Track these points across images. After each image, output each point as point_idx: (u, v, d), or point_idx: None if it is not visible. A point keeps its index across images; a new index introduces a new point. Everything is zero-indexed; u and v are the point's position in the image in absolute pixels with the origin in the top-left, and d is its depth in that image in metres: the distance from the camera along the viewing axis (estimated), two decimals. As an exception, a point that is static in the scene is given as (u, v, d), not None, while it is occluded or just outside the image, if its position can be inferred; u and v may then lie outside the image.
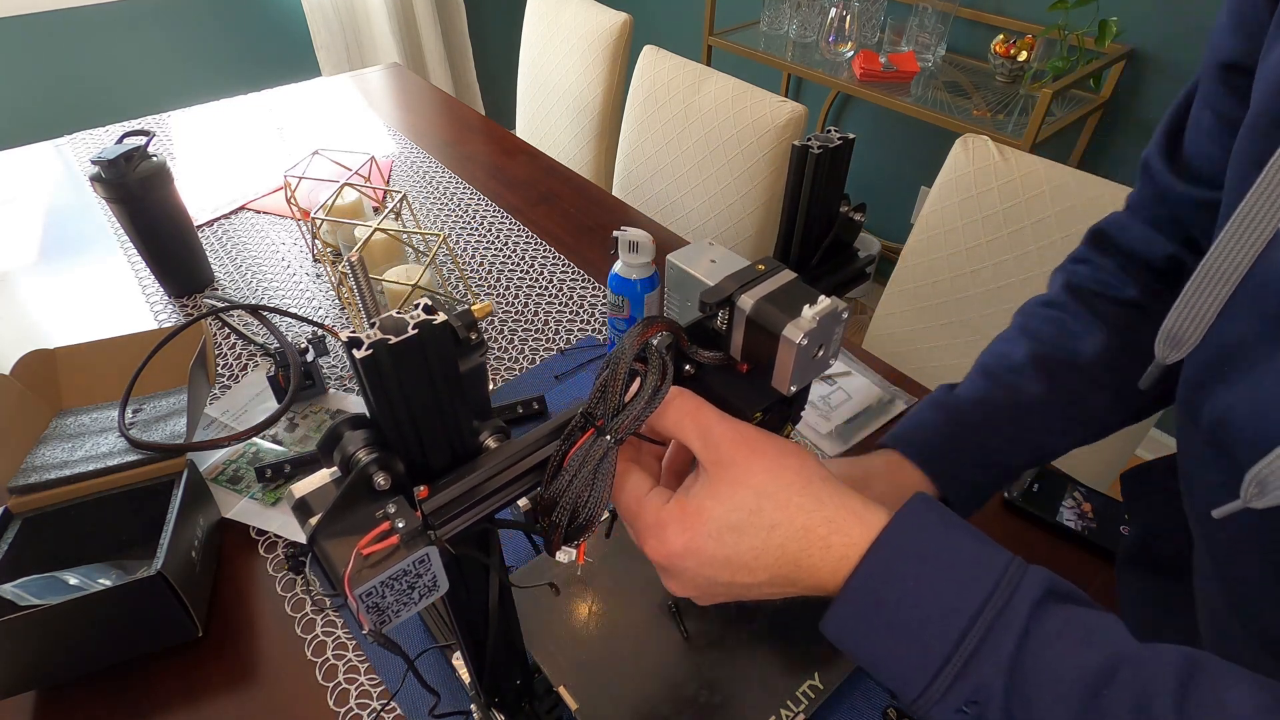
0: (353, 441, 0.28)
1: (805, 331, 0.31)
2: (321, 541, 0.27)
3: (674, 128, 1.38)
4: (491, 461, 0.31)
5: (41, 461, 0.65)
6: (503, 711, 0.48)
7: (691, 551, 0.31)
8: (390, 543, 0.27)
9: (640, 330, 0.32)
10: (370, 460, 0.27)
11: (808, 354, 0.32)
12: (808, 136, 0.42)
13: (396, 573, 0.27)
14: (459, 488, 0.30)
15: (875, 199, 2.24)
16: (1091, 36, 1.47)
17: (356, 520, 0.27)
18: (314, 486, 0.29)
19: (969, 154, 1.00)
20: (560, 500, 0.31)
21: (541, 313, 0.96)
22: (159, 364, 0.73)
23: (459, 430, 0.30)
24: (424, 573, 0.28)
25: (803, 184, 0.43)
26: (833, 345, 0.34)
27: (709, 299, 0.34)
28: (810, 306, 0.32)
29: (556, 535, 0.32)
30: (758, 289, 0.33)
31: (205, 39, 2.24)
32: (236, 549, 0.68)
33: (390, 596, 0.27)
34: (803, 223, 0.44)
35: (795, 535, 0.30)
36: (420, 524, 0.28)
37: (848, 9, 1.74)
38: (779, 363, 0.33)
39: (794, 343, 0.31)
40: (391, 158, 1.35)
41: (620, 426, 0.31)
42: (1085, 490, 0.72)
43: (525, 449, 0.32)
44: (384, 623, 0.28)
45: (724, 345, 0.35)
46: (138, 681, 0.58)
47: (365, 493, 0.28)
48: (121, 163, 0.86)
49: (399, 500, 0.28)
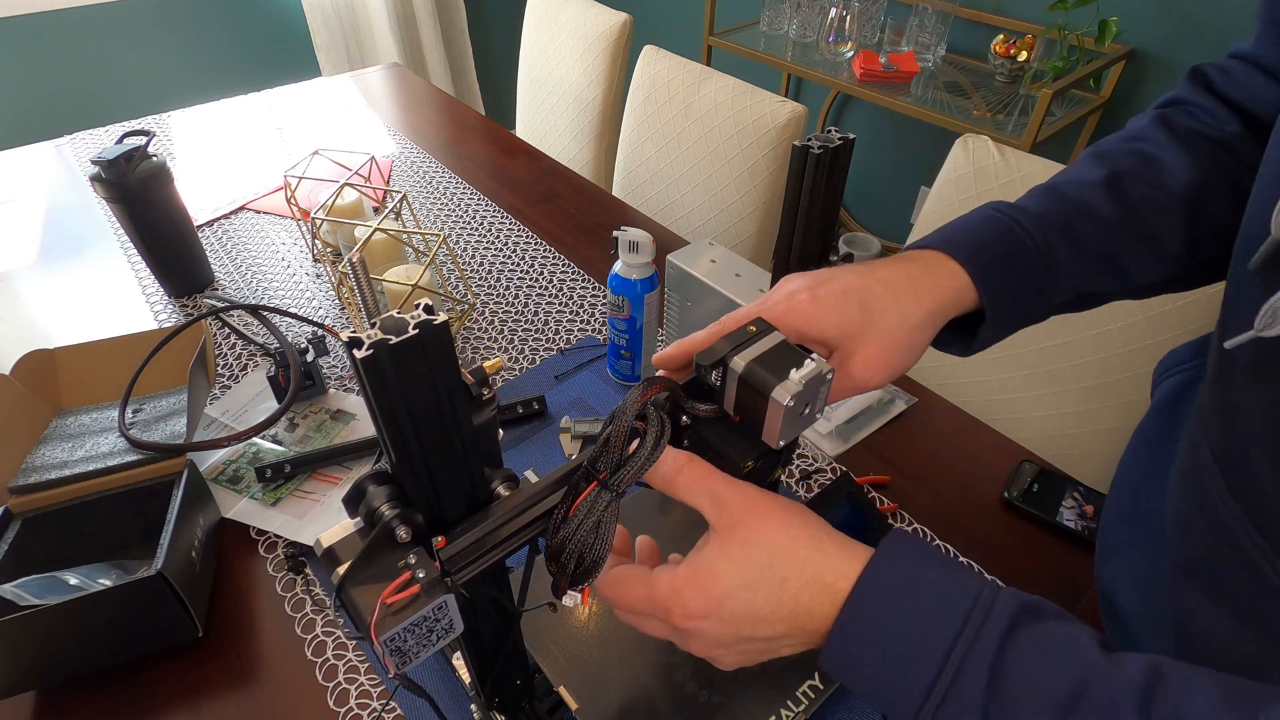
0: (376, 496, 0.31)
1: (792, 394, 0.34)
2: (349, 589, 0.29)
3: (674, 128, 1.38)
4: (502, 510, 0.33)
5: (41, 461, 0.65)
6: (503, 712, 0.48)
7: (712, 611, 0.32)
8: (411, 592, 0.29)
9: (641, 390, 0.34)
10: (393, 515, 0.30)
11: (795, 413, 0.35)
12: (808, 136, 0.42)
13: (417, 619, 0.29)
14: (473, 535, 0.32)
15: (875, 199, 2.24)
16: (1091, 36, 1.47)
17: (380, 569, 0.29)
18: (340, 536, 0.31)
19: (969, 154, 1.00)
20: (567, 547, 0.33)
21: (541, 313, 0.96)
22: (159, 364, 0.73)
23: (472, 479, 0.32)
24: (441, 618, 0.30)
25: (803, 184, 0.43)
26: (819, 403, 0.36)
27: (704, 361, 0.36)
28: (797, 370, 0.34)
29: (563, 580, 0.34)
30: (749, 350, 0.36)
31: (205, 39, 2.24)
32: (236, 549, 0.68)
33: (411, 640, 0.30)
34: (803, 222, 0.44)
35: (806, 585, 0.32)
36: (438, 573, 0.30)
37: (848, 9, 1.74)
38: (768, 420, 0.35)
39: (781, 404, 0.34)
40: (391, 158, 1.35)
41: (622, 481, 0.33)
42: (1085, 490, 0.72)
43: (533, 497, 0.34)
44: (405, 663, 0.30)
45: (718, 399, 0.38)
46: (138, 681, 0.58)
47: (388, 544, 0.30)
48: (121, 163, 0.86)
49: (419, 551, 0.30)
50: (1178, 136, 0.47)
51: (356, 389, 0.82)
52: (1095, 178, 0.46)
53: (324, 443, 0.76)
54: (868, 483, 0.74)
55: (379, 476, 0.31)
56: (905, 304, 0.40)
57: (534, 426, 0.80)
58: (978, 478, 0.75)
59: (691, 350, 0.40)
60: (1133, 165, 0.46)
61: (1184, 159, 0.46)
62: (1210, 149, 0.46)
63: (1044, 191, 0.47)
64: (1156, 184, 0.45)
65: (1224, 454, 0.37)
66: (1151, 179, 0.46)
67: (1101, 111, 1.58)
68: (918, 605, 0.30)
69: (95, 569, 0.60)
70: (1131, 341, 0.88)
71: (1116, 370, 0.90)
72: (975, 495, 0.73)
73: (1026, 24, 1.64)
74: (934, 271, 0.42)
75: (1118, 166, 0.46)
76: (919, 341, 0.41)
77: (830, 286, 0.40)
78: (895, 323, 0.40)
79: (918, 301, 0.41)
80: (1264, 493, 0.34)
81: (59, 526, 0.62)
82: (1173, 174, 0.45)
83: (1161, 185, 0.45)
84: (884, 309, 0.40)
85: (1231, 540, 0.36)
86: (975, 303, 0.42)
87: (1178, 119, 0.48)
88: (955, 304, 0.42)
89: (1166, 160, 0.46)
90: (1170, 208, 0.45)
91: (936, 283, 0.42)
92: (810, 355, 0.36)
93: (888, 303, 0.40)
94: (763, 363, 0.35)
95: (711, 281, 0.64)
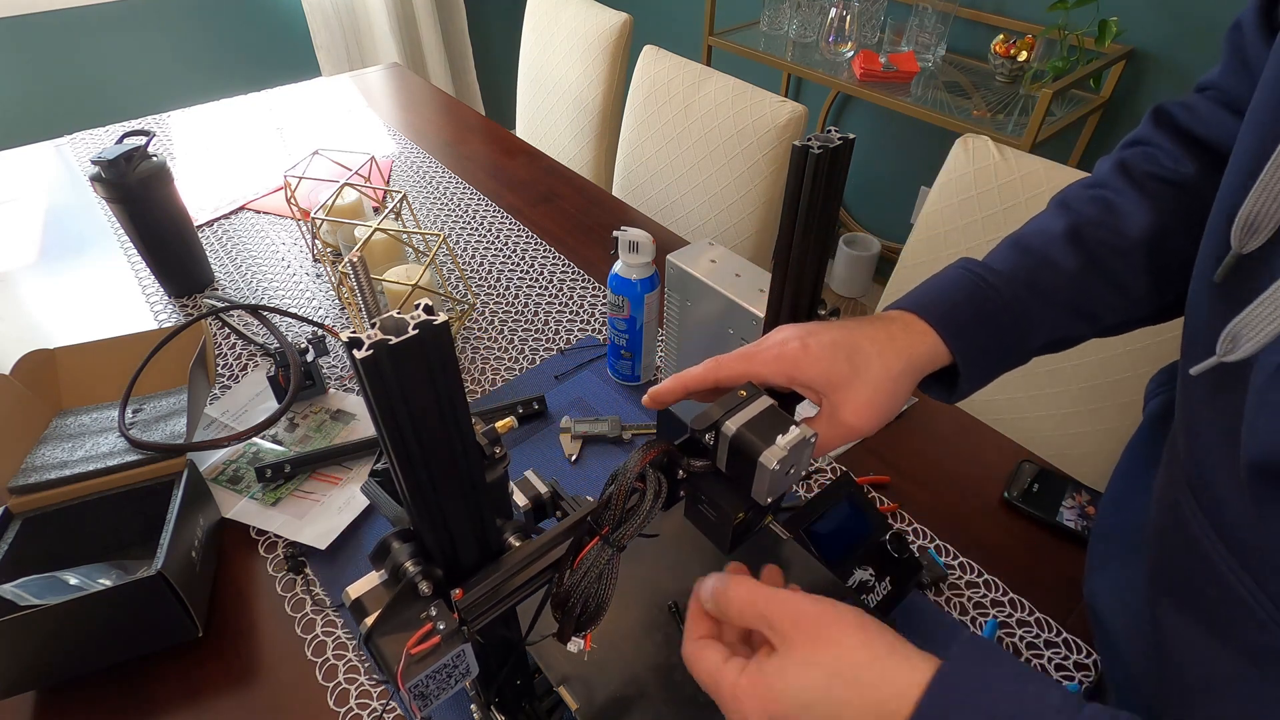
0: (401, 553, 0.34)
1: (778, 459, 0.37)
2: (376, 639, 0.32)
3: (674, 128, 1.38)
4: (513, 560, 0.36)
5: (41, 461, 0.65)
6: (503, 712, 0.48)
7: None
8: (433, 642, 0.32)
9: (642, 455, 0.38)
10: (416, 571, 0.33)
11: (781, 474, 0.38)
12: (808, 136, 0.42)
13: (439, 667, 0.32)
14: (487, 585, 0.35)
15: (875, 199, 2.24)
16: (1091, 36, 1.47)
17: (404, 620, 0.32)
18: (366, 588, 0.34)
19: (969, 154, 1.00)
20: (573, 597, 0.36)
21: (541, 313, 0.96)
22: (159, 364, 0.73)
23: (485, 530, 0.35)
24: (459, 664, 0.33)
25: (803, 184, 0.43)
26: (802, 465, 0.40)
27: (698, 425, 0.40)
28: (783, 435, 0.37)
29: (569, 626, 0.36)
30: (740, 415, 0.39)
31: (206, 39, 2.24)
32: (236, 549, 0.68)
33: (433, 685, 0.33)
34: (803, 222, 0.44)
35: (865, 711, 0.32)
36: (457, 624, 0.33)
37: (848, 9, 1.74)
38: (756, 479, 0.38)
39: (769, 468, 0.37)
40: (391, 158, 1.35)
41: (623, 537, 0.36)
42: (1085, 490, 0.72)
43: (542, 548, 0.37)
44: (427, 705, 0.33)
45: (711, 456, 0.41)
46: (138, 681, 0.58)
47: (411, 597, 0.33)
48: (121, 163, 0.86)
49: (439, 604, 0.33)
50: (1136, 181, 0.50)
51: (356, 389, 0.82)
52: (1058, 229, 0.49)
53: (324, 443, 0.76)
54: (868, 483, 0.74)
55: (403, 534, 0.35)
56: (887, 358, 0.44)
57: (534, 426, 0.80)
58: (978, 478, 0.75)
59: (687, 384, 0.44)
60: (1093, 213, 0.49)
61: (1142, 204, 0.48)
62: (1169, 191, 0.49)
63: (1010, 245, 0.50)
64: (1116, 230, 0.48)
65: (1192, 473, 0.38)
66: (1111, 225, 0.48)
67: (1101, 111, 1.58)
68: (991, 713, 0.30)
69: (95, 569, 0.60)
70: (1132, 341, 0.88)
71: (1116, 370, 0.90)
72: (975, 495, 0.73)
73: (1026, 24, 1.64)
74: (910, 330, 0.46)
75: (1079, 217, 0.49)
76: (902, 391, 0.44)
77: (820, 338, 0.44)
78: (879, 374, 0.43)
79: (897, 355, 0.44)
80: (1228, 511, 0.35)
81: (59, 526, 0.62)
82: (1131, 219, 0.48)
83: (1121, 231, 0.48)
84: (868, 361, 0.43)
85: (1203, 556, 0.36)
86: (950, 358, 0.46)
87: (1136, 162, 0.51)
88: (931, 359, 0.45)
89: (1125, 206, 0.49)
90: (1131, 252, 0.48)
91: (913, 340, 0.45)
92: (795, 422, 0.39)
93: (872, 356, 0.43)
94: (752, 427, 0.38)
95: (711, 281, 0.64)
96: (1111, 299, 0.48)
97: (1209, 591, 0.36)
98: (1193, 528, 0.37)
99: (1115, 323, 0.50)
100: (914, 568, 0.60)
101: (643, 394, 0.88)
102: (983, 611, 0.63)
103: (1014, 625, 0.62)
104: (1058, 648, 0.61)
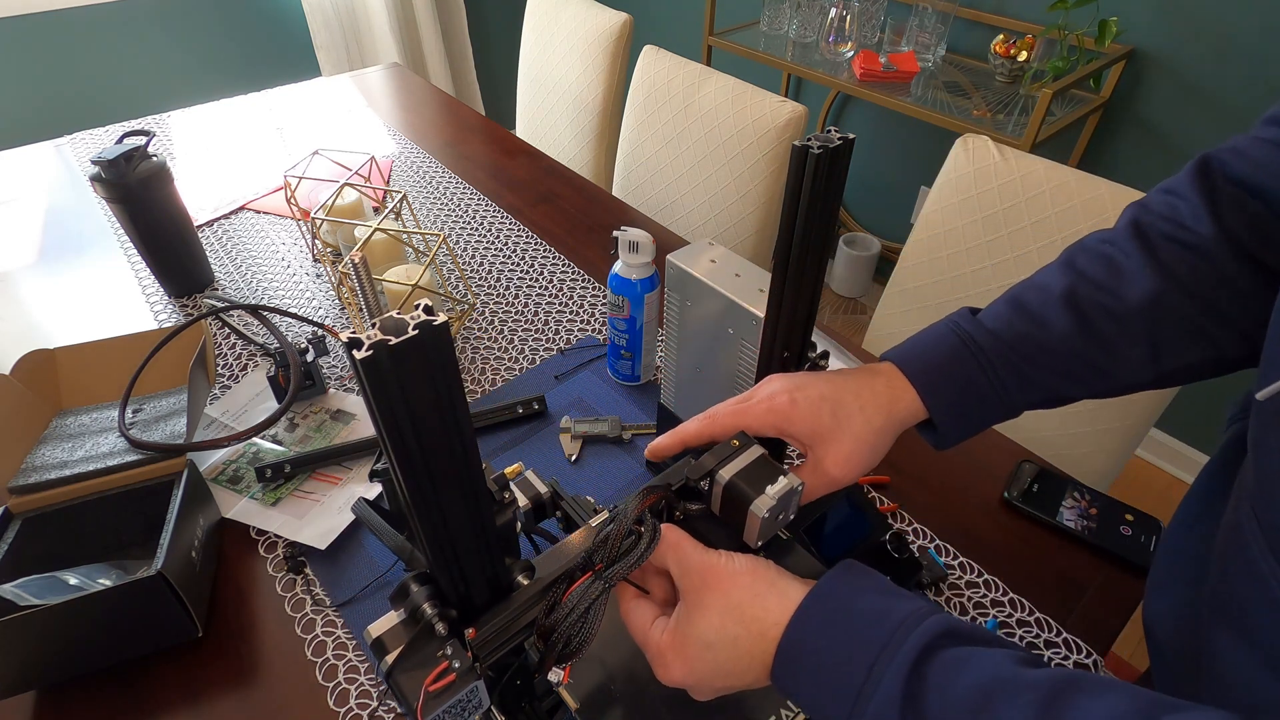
0: (419, 595, 0.36)
1: (768, 508, 0.40)
2: (397, 676, 0.35)
3: (674, 128, 1.38)
4: (522, 598, 0.39)
5: (41, 461, 0.65)
6: (503, 712, 0.48)
7: (688, 672, 0.38)
8: (449, 680, 0.35)
9: (640, 499, 0.40)
10: (434, 613, 0.36)
11: (770, 521, 0.40)
12: (808, 136, 0.42)
13: (454, 702, 0.35)
14: (498, 623, 0.37)
15: (875, 199, 2.24)
16: (1091, 36, 1.47)
17: (422, 658, 0.35)
18: (386, 627, 0.36)
19: (969, 154, 1.00)
20: (558, 629, 0.37)
21: (541, 313, 0.96)
22: (159, 364, 0.73)
23: (495, 569, 0.38)
24: (473, 698, 0.36)
25: (803, 184, 0.43)
26: (790, 510, 0.42)
27: (694, 475, 0.42)
28: (772, 485, 0.40)
29: (550, 658, 0.38)
30: (732, 464, 0.42)
31: (205, 39, 2.24)
32: (236, 549, 0.68)
33: (449, 718, 0.36)
34: (803, 222, 0.44)
35: (756, 639, 0.36)
36: (470, 661, 0.35)
37: (848, 9, 1.74)
38: (748, 526, 0.41)
39: (759, 516, 0.40)
40: (391, 158, 1.35)
41: (614, 575, 0.38)
42: (1085, 490, 0.72)
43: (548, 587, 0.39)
44: None
45: (705, 499, 0.43)
46: (138, 681, 0.58)
47: (428, 636, 0.36)
48: (121, 163, 0.86)
49: (454, 643, 0.36)
50: (1148, 242, 0.49)
51: (356, 389, 0.82)
52: (1056, 289, 0.49)
53: (324, 443, 0.76)
54: (868, 483, 0.74)
55: (421, 577, 0.37)
56: (869, 413, 0.46)
57: (534, 426, 0.80)
58: (978, 478, 0.75)
59: (685, 439, 0.46)
60: (1096, 274, 0.49)
61: (1147, 267, 0.48)
62: (1179, 254, 0.47)
63: (1007, 302, 0.50)
64: (1116, 294, 0.48)
65: (1257, 495, 0.38)
66: (1112, 289, 0.48)
67: (1101, 112, 1.58)
68: (846, 627, 0.34)
69: (95, 569, 0.60)
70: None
71: (1116, 370, 0.90)
72: (975, 495, 0.73)
73: (1026, 24, 1.64)
74: (893, 386, 0.48)
75: (1079, 278, 0.49)
76: (882, 444, 0.47)
77: (806, 392, 0.46)
78: (861, 428, 0.46)
79: (879, 410, 0.46)
80: None
81: (59, 526, 0.62)
82: (1134, 284, 0.48)
83: (1120, 296, 0.48)
84: (851, 416, 0.46)
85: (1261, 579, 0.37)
86: None
87: (1154, 219, 0.49)
88: (913, 414, 0.48)
89: (1129, 268, 0.48)
90: (1128, 318, 0.47)
91: (895, 395, 0.47)
92: (784, 471, 0.41)
93: (854, 411, 0.46)
94: (743, 477, 0.41)
95: (711, 281, 0.64)
96: (1105, 364, 0.48)
97: (1265, 617, 0.37)
98: (1252, 550, 0.38)
99: (1108, 388, 0.49)
100: (914, 567, 0.60)
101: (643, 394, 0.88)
102: (983, 611, 0.63)
103: (1014, 625, 0.62)
104: (1058, 648, 0.61)
